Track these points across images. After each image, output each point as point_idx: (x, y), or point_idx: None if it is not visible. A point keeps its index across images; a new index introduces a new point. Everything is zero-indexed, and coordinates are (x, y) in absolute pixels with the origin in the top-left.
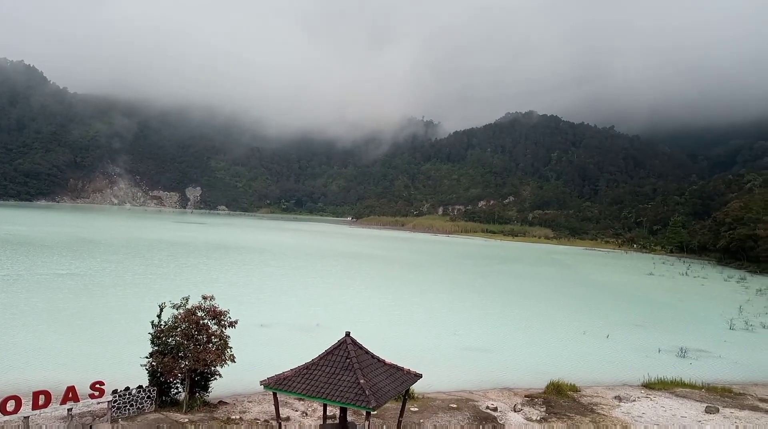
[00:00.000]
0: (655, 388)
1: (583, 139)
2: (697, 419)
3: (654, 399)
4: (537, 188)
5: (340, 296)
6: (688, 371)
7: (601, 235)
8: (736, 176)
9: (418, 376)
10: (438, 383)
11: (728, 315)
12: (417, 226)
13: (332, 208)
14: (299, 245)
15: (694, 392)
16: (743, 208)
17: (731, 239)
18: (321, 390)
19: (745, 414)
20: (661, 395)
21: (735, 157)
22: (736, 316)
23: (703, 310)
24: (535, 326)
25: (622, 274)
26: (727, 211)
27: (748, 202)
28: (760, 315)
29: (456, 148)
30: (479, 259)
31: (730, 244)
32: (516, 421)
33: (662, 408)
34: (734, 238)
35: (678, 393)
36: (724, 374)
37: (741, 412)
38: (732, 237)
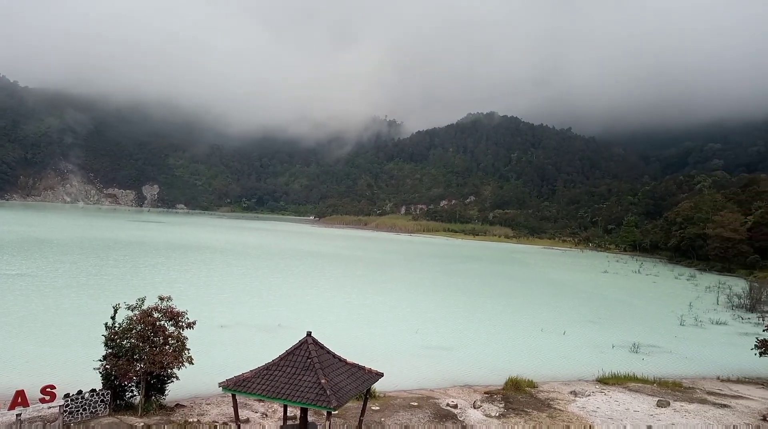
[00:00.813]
0: (609, 383)
1: (542, 140)
2: (649, 413)
3: (608, 393)
4: (497, 188)
5: (303, 296)
6: (640, 366)
7: (558, 234)
8: (687, 177)
9: (379, 375)
10: (400, 382)
11: (679, 311)
12: (380, 225)
13: (294, 207)
14: (261, 244)
15: (646, 387)
16: (693, 208)
17: (682, 238)
18: (281, 391)
19: (694, 407)
20: (614, 390)
21: (686, 158)
22: (686, 312)
23: (654, 306)
24: (496, 324)
25: (578, 272)
26: (678, 211)
27: (698, 203)
28: (709, 311)
29: (419, 147)
30: (441, 258)
31: (680, 243)
32: (475, 417)
33: (616, 402)
34: (684, 237)
35: (631, 387)
36: (674, 369)
37: (690, 406)
38: (682, 236)
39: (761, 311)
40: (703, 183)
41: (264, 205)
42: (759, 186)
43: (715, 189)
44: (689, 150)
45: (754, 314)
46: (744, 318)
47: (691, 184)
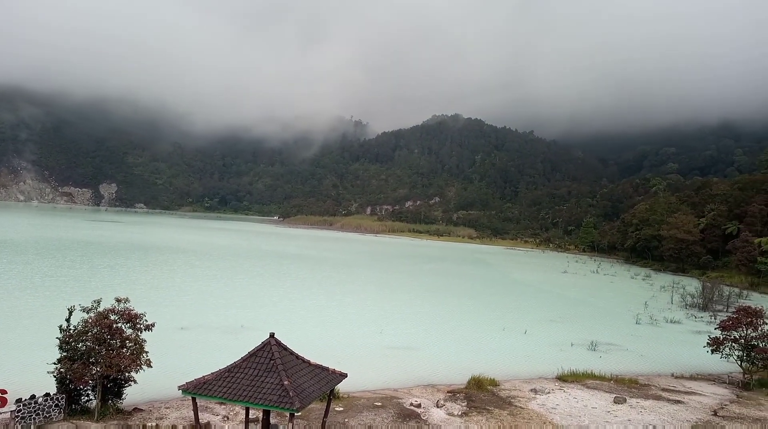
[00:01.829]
0: (568, 380)
1: (505, 143)
2: (606, 409)
3: (567, 391)
4: (461, 189)
5: (267, 297)
6: (598, 364)
7: (520, 234)
8: (643, 180)
9: (343, 375)
10: (363, 382)
11: (635, 310)
12: (345, 225)
13: (258, 206)
14: (225, 245)
15: (604, 384)
16: (648, 210)
17: (638, 239)
18: (243, 393)
19: (649, 403)
20: (573, 387)
21: (642, 162)
22: (642, 311)
23: (612, 305)
24: (459, 324)
25: (539, 272)
26: (634, 212)
27: (653, 205)
28: (663, 310)
29: (384, 148)
30: (406, 258)
31: (636, 244)
32: (438, 416)
33: (575, 399)
34: (640, 238)
35: (589, 385)
36: (631, 366)
37: (646, 402)
38: (638, 237)
39: (713, 310)
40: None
41: (227, 204)
42: (711, 189)
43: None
44: (645, 154)
45: (706, 313)
46: (697, 317)
47: (647, 186)
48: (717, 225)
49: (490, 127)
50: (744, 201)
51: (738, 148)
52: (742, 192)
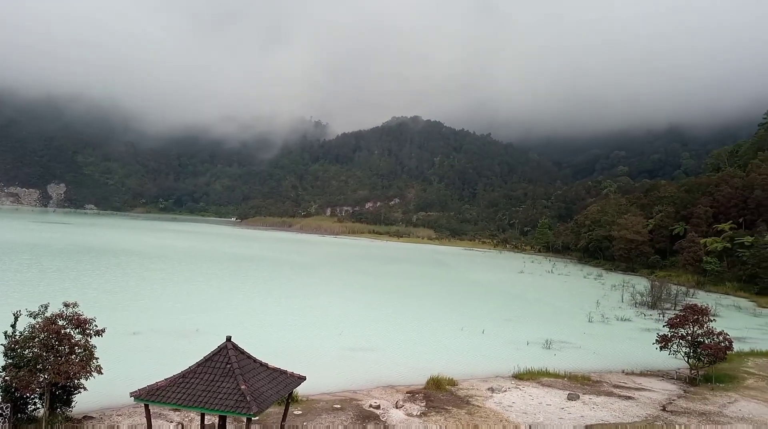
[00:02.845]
0: (524, 378)
1: (464, 145)
2: (560, 406)
3: (523, 389)
4: (421, 191)
5: (224, 300)
6: (552, 362)
7: (478, 235)
8: (595, 182)
9: (302, 378)
10: (323, 385)
11: (587, 309)
12: (305, 226)
13: (215, 208)
14: (181, 247)
15: (558, 381)
16: (600, 212)
17: (590, 240)
18: (198, 399)
19: (601, 400)
20: (529, 385)
21: (594, 165)
22: (594, 309)
23: (566, 304)
24: (419, 324)
25: (497, 272)
26: (587, 214)
27: (604, 207)
28: (614, 309)
29: (344, 149)
30: (366, 259)
31: (589, 244)
32: (397, 417)
33: (530, 397)
34: (592, 239)
35: (544, 382)
36: (584, 363)
37: (598, 398)
38: (591, 237)
39: (661, 308)
40: (609, 188)
41: (182, 205)
42: (659, 191)
43: (620, 194)
44: (597, 157)
45: (655, 311)
46: (646, 314)
47: (599, 188)
48: (665, 226)
49: (449, 130)
50: (690, 203)
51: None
52: (689, 194)
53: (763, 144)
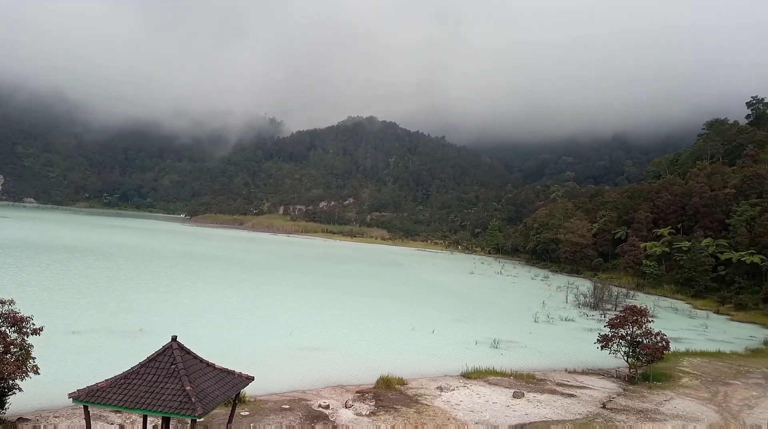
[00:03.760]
0: (472, 377)
1: (418, 147)
2: (505, 404)
3: (470, 387)
4: (375, 191)
5: (172, 299)
6: (499, 360)
7: (431, 236)
8: (544, 186)
9: (249, 378)
10: (271, 385)
11: (534, 309)
12: (256, 225)
13: (163, 204)
14: (127, 244)
15: (504, 379)
16: (548, 215)
17: (538, 242)
18: (141, 400)
19: (545, 397)
20: (476, 383)
21: (543, 169)
22: (540, 310)
23: (514, 305)
24: (370, 324)
25: (448, 273)
26: (535, 217)
27: (552, 210)
28: (559, 309)
29: (299, 147)
30: (319, 259)
31: (537, 247)
32: (346, 417)
33: (477, 395)
34: (540, 241)
35: (491, 381)
36: (529, 362)
37: (542, 396)
38: (539, 240)
39: (603, 309)
40: (557, 192)
41: (128, 201)
42: (603, 196)
43: (567, 198)
44: (546, 162)
45: (597, 311)
46: (589, 315)
47: (547, 193)
48: (608, 230)
49: (404, 131)
50: (632, 208)
51: (628, 159)
52: (630, 200)
53: (702, 153)
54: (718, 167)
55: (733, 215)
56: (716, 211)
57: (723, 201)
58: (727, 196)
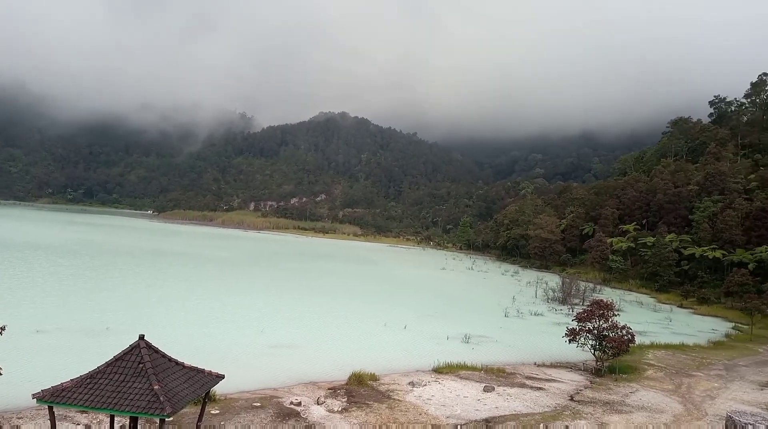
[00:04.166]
0: (443, 372)
1: (390, 143)
2: (476, 398)
3: (442, 382)
4: (347, 187)
5: (141, 297)
6: (470, 355)
7: (403, 232)
8: (514, 183)
9: (220, 377)
10: (242, 383)
11: (504, 304)
12: (227, 221)
13: (130, 200)
14: (94, 241)
15: (475, 374)
16: (518, 211)
17: (508, 238)
18: (108, 400)
19: (514, 391)
20: (448, 378)
21: (513, 166)
22: (510, 305)
23: (484, 300)
24: (342, 320)
25: (420, 269)
26: (506, 213)
27: (522, 207)
28: (529, 304)
29: (270, 143)
30: (291, 256)
31: (507, 242)
32: (318, 413)
33: (449, 390)
34: (510, 237)
35: (462, 375)
36: (499, 356)
37: (512, 389)
38: (509, 236)
39: (571, 303)
40: (526, 189)
41: (94, 197)
42: (572, 193)
43: (537, 194)
44: (516, 159)
45: (565, 306)
46: (557, 309)
47: (517, 189)
48: (576, 226)
49: (377, 127)
50: (599, 204)
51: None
52: (597, 196)
53: (666, 151)
54: (682, 164)
55: (696, 211)
56: (680, 208)
57: (686, 197)
58: (690, 193)
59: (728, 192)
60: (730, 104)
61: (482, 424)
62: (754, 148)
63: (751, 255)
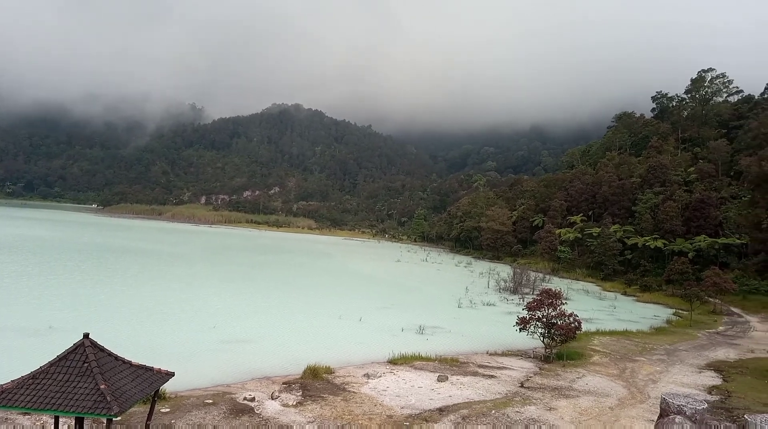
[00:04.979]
0: (398, 363)
1: (345, 136)
2: (430, 387)
3: (397, 373)
4: (302, 180)
5: (87, 295)
6: (425, 346)
7: (358, 225)
8: (467, 176)
9: (169, 374)
10: (194, 380)
11: (457, 295)
12: (176, 215)
13: (73, 193)
14: (36, 236)
15: (429, 364)
16: (471, 204)
17: (461, 230)
18: (52, 401)
19: (467, 379)
20: (402, 369)
21: (466, 159)
22: (463, 295)
23: (438, 291)
24: (297, 314)
25: (375, 262)
26: (459, 205)
27: (475, 199)
28: (481, 294)
29: (221, 135)
30: (245, 250)
31: (460, 234)
32: (273, 408)
33: (403, 381)
34: (464, 229)
35: (416, 366)
36: (453, 346)
37: (465, 378)
38: (462, 228)
39: (522, 293)
40: (479, 181)
41: (34, 190)
42: (522, 186)
43: (489, 187)
44: (469, 152)
45: (516, 295)
46: (509, 299)
47: (470, 182)
48: (526, 217)
49: (331, 120)
50: (548, 196)
51: (545, 149)
52: (547, 189)
53: (611, 145)
54: (626, 158)
55: (639, 203)
56: (623, 199)
57: (629, 189)
58: (633, 185)
59: (669, 184)
60: (671, 100)
61: (435, 413)
62: (694, 142)
63: (690, 244)
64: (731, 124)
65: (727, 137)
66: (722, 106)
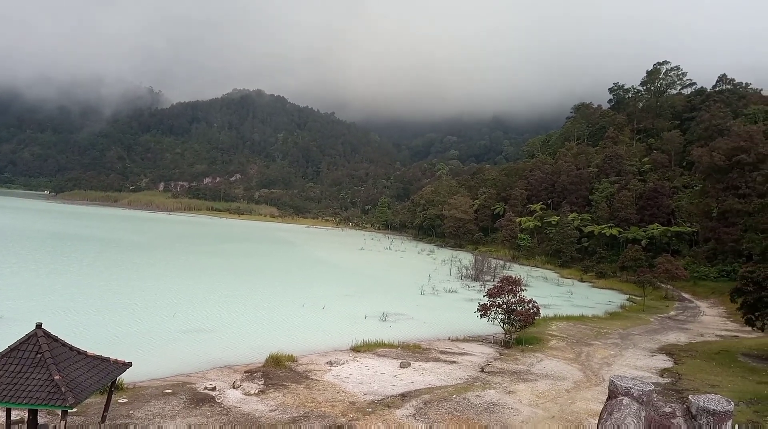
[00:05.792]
0: (361, 350)
1: (308, 122)
2: (393, 374)
3: (360, 360)
4: (264, 167)
5: (39, 284)
6: (387, 333)
7: (322, 213)
8: (430, 165)
9: (126, 364)
10: (152, 370)
11: (420, 282)
12: (133, 202)
13: (24, 179)
14: None
15: (392, 351)
16: (433, 192)
17: (424, 218)
18: (3, 392)
19: (430, 365)
20: (365, 356)
21: (430, 148)
22: (426, 283)
23: (401, 279)
24: (260, 303)
25: (339, 250)
26: (422, 194)
27: (437, 188)
28: (444, 281)
29: (180, 120)
30: (205, 238)
31: (423, 223)
32: (234, 397)
33: (366, 367)
34: (426, 217)
35: (379, 353)
36: (415, 333)
37: (427, 364)
38: (425, 216)
39: (483, 280)
40: (442, 170)
41: None
42: (484, 174)
43: (451, 176)
44: (432, 140)
45: (477, 282)
46: (470, 286)
47: (433, 170)
48: (488, 206)
49: (293, 106)
50: (509, 185)
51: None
52: (508, 178)
53: (570, 135)
54: (584, 148)
55: (595, 192)
56: (581, 188)
57: (587, 179)
58: (590, 175)
59: (624, 174)
60: (627, 91)
61: (398, 399)
62: (648, 133)
63: (643, 232)
64: (684, 116)
65: (680, 128)
66: (676, 98)
